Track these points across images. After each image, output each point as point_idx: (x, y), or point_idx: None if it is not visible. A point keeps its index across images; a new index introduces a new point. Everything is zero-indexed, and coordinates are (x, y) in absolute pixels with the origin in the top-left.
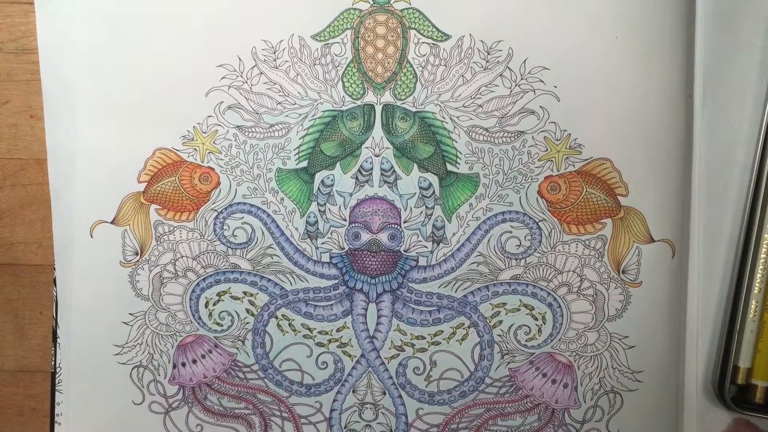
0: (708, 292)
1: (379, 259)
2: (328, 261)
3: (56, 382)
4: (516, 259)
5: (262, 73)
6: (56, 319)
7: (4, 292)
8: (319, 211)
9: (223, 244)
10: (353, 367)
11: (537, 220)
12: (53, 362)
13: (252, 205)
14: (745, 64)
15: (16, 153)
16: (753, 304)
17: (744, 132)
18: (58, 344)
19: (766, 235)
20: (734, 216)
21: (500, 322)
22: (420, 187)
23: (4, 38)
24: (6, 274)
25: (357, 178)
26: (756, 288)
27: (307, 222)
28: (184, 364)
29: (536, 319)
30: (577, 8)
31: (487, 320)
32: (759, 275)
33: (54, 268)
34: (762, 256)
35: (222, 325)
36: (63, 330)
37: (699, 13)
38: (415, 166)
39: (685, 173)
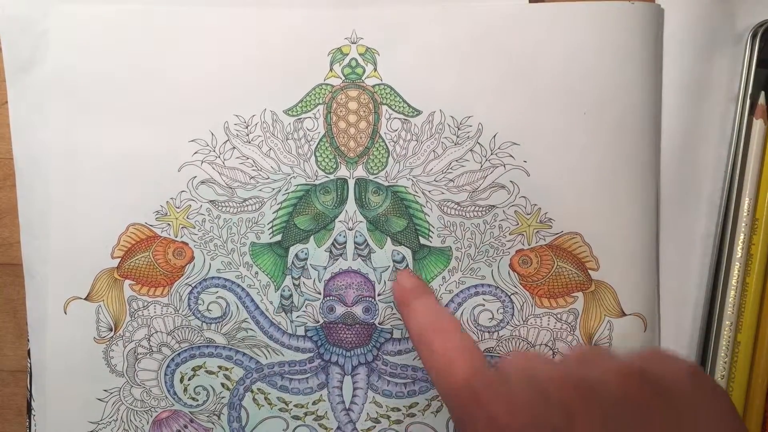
0: None
1: (354, 332)
2: (303, 334)
3: None
4: (489, 332)
5: (234, 147)
6: (30, 392)
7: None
8: (294, 284)
9: (198, 318)
10: None
11: (509, 294)
12: None
13: (226, 280)
14: (708, 136)
15: None
16: None
17: (705, 204)
18: (33, 417)
19: (726, 322)
20: (696, 301)
21: None
22: (393, 261)
23: None
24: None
25: (331, 252)
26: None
27: (281, 296)
28: None
29: None
30: (545, 84)
31: None
32: (721, 363)
33: (28, 341)
34: (723, 343)
35: (197, 400)
36: (38, 405)
37: (666, 86)
38: (389, 239)
39: (656, 247)
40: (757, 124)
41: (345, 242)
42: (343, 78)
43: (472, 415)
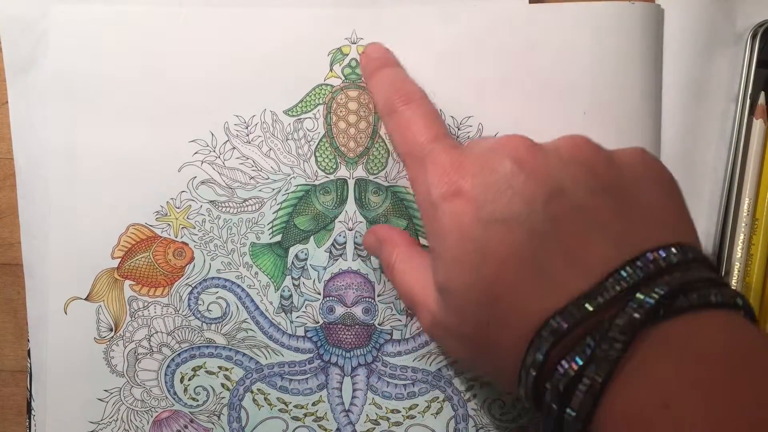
0: None
1: (353, 333)
2: (303, 335)
3: None
4: None
5: (234, 148)
6: (30, 392)
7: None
8: (294, 285)
9: (198, 318)
10: None
11: None
12: None
13: (226, 280)
14: (708, 136)
15: None
16: None
17: (705, 204)
18: (33, 416)
19: None
20: None
21: (474, 396)
22: None
23: None
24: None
25: (331, 252)
26: None
27: (281, 296)
28: None
29: (510, 392)
30: (545, 84)
31: (462, 394)
32: None
33: (28, 341)
34: None
35: (197, 400)
36: (38, 405)
37: (666, 86)
38: None
39: None
40: (757, 124)
41: (345, 242)
42: (343, 78)
43: (423, 167)
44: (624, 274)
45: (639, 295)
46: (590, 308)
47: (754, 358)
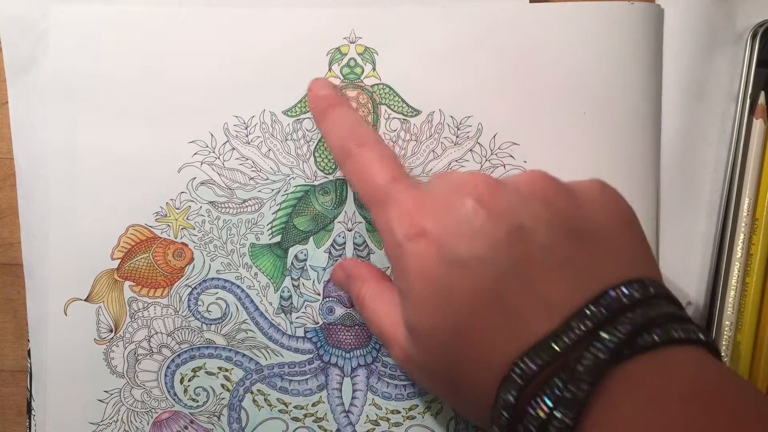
0: None
1: (353, 334)
2: (303, 335)
3: None
4: None
5: (234, 148)
6: (30, 392)
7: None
8: (293, 285)
9: (198, 319)
10: None
11: None
12: None
13: (226, 281)
14: (708, 136)
15: None
16: None
17: (705, 204)
18: (33, 417)
19: (726, 322)
20: (696, 301)
21: None
22: None
23: None
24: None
25: (330, 253)
26: None
27: (281, 297)
28: None
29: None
30: (545, 84)
31: None
32: None
33: (28, 341)
34: (723, 343)
35: (197, 401)
36: (38, 406)
37: (666, 86)
38: None
39: (656, 247)
40: (757, 124)
41: (344, 243)
42: (342, 78)
43: (385, 209)
44: (588, 312)
45: (603, 335)
46: (557, 348)
47: (717, 395)
